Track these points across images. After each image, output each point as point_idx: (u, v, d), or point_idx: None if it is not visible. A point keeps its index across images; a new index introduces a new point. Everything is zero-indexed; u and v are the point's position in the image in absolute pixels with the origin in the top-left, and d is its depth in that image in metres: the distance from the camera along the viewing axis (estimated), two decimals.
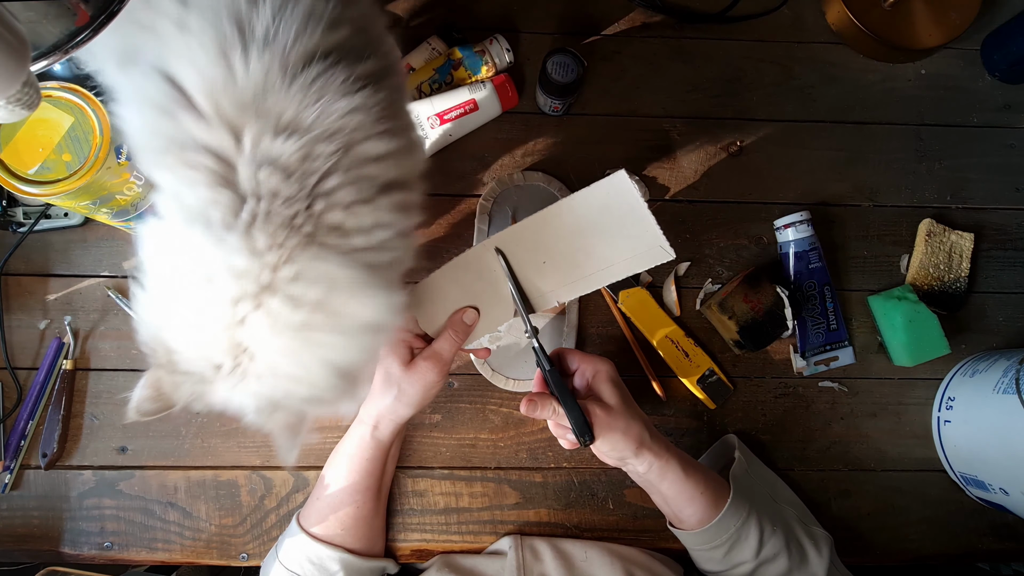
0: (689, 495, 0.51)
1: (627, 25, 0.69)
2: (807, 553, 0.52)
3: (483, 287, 0.50)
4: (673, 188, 0.66)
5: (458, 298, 0.51)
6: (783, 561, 0.51)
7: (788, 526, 0.53)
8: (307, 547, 0.52)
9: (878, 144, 0.68)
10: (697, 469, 0.51)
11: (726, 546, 0.51)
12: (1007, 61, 0.67)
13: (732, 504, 0.50)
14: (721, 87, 0.68)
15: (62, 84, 0.53)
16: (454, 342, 0.51)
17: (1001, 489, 0.56)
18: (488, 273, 0.49)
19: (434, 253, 0.64)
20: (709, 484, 0.51)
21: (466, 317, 0.51)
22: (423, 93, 0.63)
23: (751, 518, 0.51)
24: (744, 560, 0.51)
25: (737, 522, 0.50)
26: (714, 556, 0.52)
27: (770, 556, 0.51)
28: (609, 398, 0.49)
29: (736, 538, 0.50)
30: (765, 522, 0.51)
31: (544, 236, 0.48)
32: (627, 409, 0.49)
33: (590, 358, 0.51)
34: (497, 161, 0.66)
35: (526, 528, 0.61)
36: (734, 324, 0.60)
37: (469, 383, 0.63)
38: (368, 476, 0.54)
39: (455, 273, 0.50)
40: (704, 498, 0.50)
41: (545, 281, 0.49)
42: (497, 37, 0.63)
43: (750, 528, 0.50)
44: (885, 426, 0.64)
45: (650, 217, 0.44)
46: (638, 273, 0.51)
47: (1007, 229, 0.67)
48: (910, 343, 0.62)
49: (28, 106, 0.25)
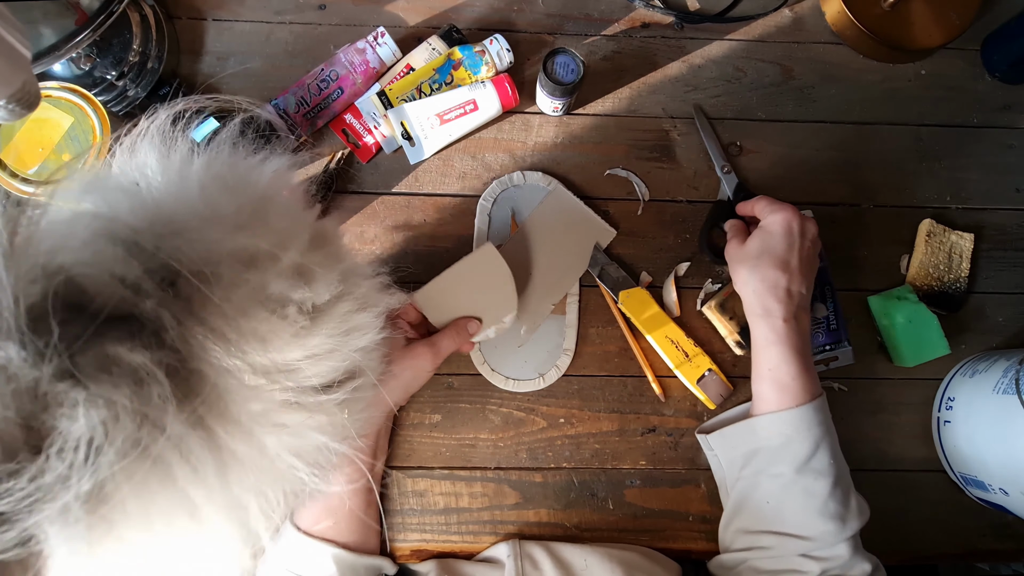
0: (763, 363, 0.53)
1: (627, 25, 0.69)
2: (850, 502, 0.51)
3: (488, 283, 0.58)
4: (673, 188, 0.66)
5: (466, 295, 0.58)
6: (826, 484, 0.50)
7: (845, 470, 0.53)
8: (300, 545, 0.52)
9: (878, 144, 0.68)
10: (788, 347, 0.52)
11: (783, 437, 0.50)
12: (1007, 61, 0.67)
13: (816, 404, 0.51)
14: (721, 87, 0.68)
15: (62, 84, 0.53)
16: (454, 342, 0.56)
17: (1001, 489, 0.56)
18: (492, 273, 0.58)
19: (434, 253, 0.64)
20: (790, 366, 0.51)
21: (470, 326, 0.58)
22: (423, 93, 0.63)
23: (821, 426, 0.51)
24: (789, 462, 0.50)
25: (810, 423, 0.50)
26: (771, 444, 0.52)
27: (814, 474, 0.50)
28: (750, 238, 0.55)
29: (794, 437, 0.50)
30: (827, 445, 0.51)
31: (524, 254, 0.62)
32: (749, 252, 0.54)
33: (772, 205, 0.55)
34: (497, 161, 0.66)
35: (526, 528, 0.61)
36: (734, 324, 0.60)
37: (469, 383, 0.63)
38: (356, 468, 0.54)
39: (463, 272, 0.57)
40: (789, 391, 0.51)
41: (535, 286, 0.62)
42: (497, 37, 0.63)
43: (813, 433, 0.50)
44: (885, 426, 0.64)
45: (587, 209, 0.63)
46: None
47: (1007, 229, 0.67)
48: (910, 343, 0.62)
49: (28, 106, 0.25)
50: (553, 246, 0.63)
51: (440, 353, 0.56)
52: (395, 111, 0.62)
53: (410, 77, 0.63)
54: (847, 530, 0.50)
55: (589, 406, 0.63)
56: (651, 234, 0.65)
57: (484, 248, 0.58)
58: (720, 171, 0.65)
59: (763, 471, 0.53)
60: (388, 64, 0.64)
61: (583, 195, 0.65)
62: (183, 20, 0.65)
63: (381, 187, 0.65)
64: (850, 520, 0.50)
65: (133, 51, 0.61)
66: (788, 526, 0.51)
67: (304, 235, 0.31)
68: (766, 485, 0.52)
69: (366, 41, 0.63)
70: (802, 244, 0.54)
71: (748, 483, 0.54)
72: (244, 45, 0.65)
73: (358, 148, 0.64)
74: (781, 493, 0.51)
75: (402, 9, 0.67)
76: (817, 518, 0.50)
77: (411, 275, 0.63)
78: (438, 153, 0.65)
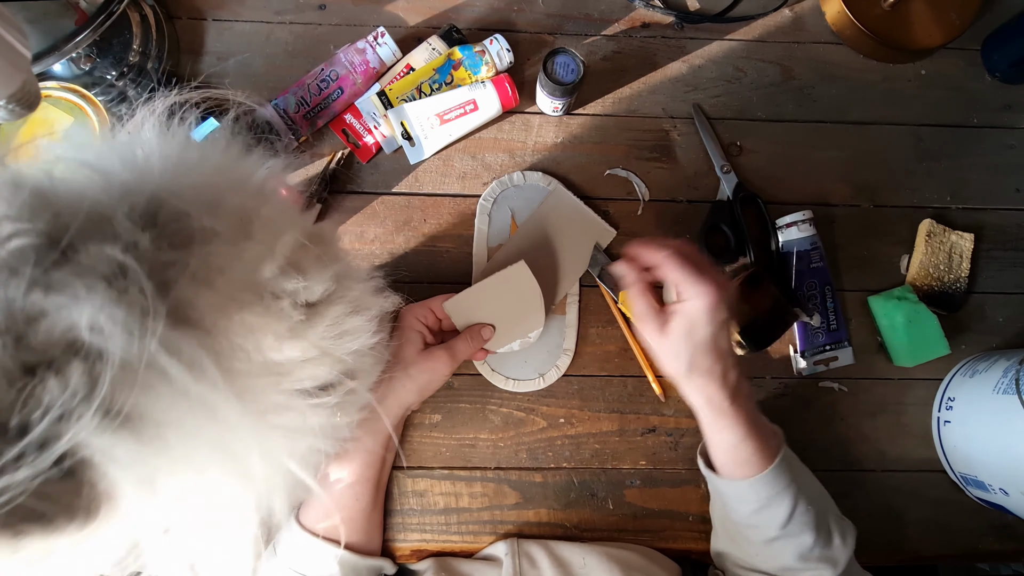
0: (718, 447, 0.50)
1: (627, 25, 0.69)
2: (833, 539, 0.51)
3: (518, 299, 0.60)
4: (673, 188, 0.66)
5: (495, 308, 0.60)
6: (808, 538, 0.49)
7: (822, 511, 0.51)
8: (304, 544, 0.52)
9: (878, 144, 0.68)
10: (738, 424, 0.48)
11: (756, 505, 0.49)
12: (1007, 61, 0.67)
13: (774, 469, 0.48)
14: (721, 87, 0.68)
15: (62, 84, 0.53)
16: (469, 347, 0.58)
17: (1001, 489, 0.56)
18: (523, 289, 0.59)
19: (434, 253, 0.64)
20: (748, 442, 0.48)
21: (484, 332, 0.59)
22: (423, 93, 0.63)
23: (788, 490, 0.49)
24: (769, 526, 0.49)
25: (774, 489, 0.49)
26: (741, 510, 0.51)
27: (795, 532, 0.49)
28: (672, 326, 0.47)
29: (767, 503, 0.49)
30: (801, 499, 0.49)
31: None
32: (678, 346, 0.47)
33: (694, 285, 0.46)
34: (497, 161, 0.66)
35: (526, 528, 0.61)
36: (735, 324, 0.60)
37: (469, 383, 0.63)
38: (368, 467, 0.55)
39: (494, 286, 0.59)
40: (739, 453, 0.49)
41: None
42: (497, 37, 0.63)
43: (784, 499, 0.49)
44: (885, 426, 0.64)
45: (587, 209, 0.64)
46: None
47: (1007, 229, 0.67)
48: (910, 343, 0.62)
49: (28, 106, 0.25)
50: (553, 246, 0.63)
51: (456, 357, 0.57)
52: (395, 111, 0.62)
53: (410, 77, 0.63)
54: (837, 568, 0.49)
55: (589, 406, 0.63)
56: (651, 234, 0.65)
57: (517, 265, 0.58)
58: (720, 171, 0.65)
59: (750, 526, 0.52)
60: (388, 64, 0.64)
61: (583, 195, 0.65)
62: (183, 20, 0.65)
63: (381, 187, 0.65)
64: (839, 560, 0.50)
65: (133, 51, 0.61)
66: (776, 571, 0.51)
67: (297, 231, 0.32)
68: (752, 537, 0.52)
69: (366, 41, 0.63)
70: (725, 323, 0.48)
71: (733, 530, 0.54)
72: (244, 45, 0.65)
73: (358, 148, 0.64)
74: (768, 549, 0.51)
75: (402, 9, 0.67)
76: (805, 566, 0.50)
77: (408, 278, 0.63)
78: (438, 153, 0.65)
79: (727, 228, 0.65)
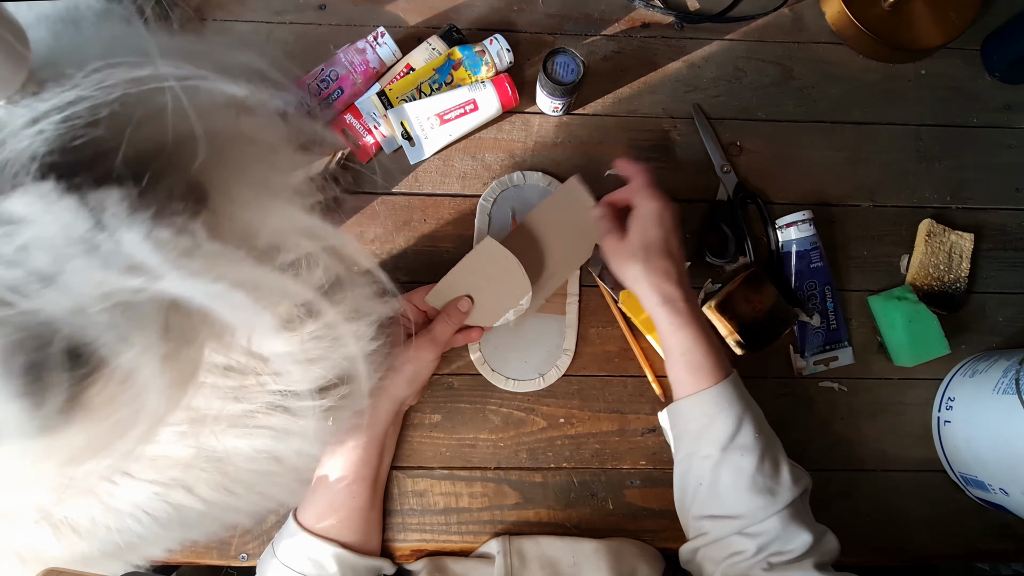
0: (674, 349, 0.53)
1: (627, 25, 0.69)
2: (781, 473, 0.50)
3: (496, 273, 0.59)
4: (673, 188, 0.66)
5: (477, 287, 0.59)
6: (749, 460, 0.49)
7: (771, 443, 0.52)
8: (303, 543, 0.52)
9: (878, 144, 0.68)
10: (694, 327, 0.52)
11: (701, 421, 0.51)
12: (1007, 61, 0.67)
13: (726, 384, 0.51)
14: (721, 87, 0.68)
15: None
16: (448, 325, 0.57)
17: (1001, 489, 0.56)
18: (498, 262, 0.58)
19: (434, 254, 0.64)
20: (700, 346, 0.52)
21: (460, 305, 0.58)
22: (423, 93, 0.63)
23: (734, 407, 0.50)
24: (712, 446, 0.50)
25: (722, 404, 0.50)
26: (689, 431, 0.52)
27: (736, 455, 0.49)
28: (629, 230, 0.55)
29: (711, 420, 0.50)
30: (747, 420, 0.50)
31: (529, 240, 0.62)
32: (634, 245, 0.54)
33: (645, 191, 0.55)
34: (497, 161, 0.66)
35: (525, 528, 0.61)
36: (735, 324, 0.60)
37: (469, 383, 0.63)
38: (364, 465, 0.55)
39: (469, 267, 0.58)
40: (692, 357, 0.52)
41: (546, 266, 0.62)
42: (497, 37, 0.63)
43: (729, 416, 0.50)
44: (885, 426, 0.64)
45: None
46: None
47: (1007, 229, 0.67)
48: (910, 343, 0.62)
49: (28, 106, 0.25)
50: (559, 235, 0.63)
51: (438, 340, 0.57)
52: (395, 111, 0.62)
53: (410, 77, 0.63)
54: (778, 503, 0.48)
55: (589, 406, 0.63)
56: None
57: (484, 242, 0.58)
58: (720, 171, 0.65)
59: (693, 453, 0.52)
60: (388, 64, 0.64)
61: None
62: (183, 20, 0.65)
63: (381, 187, 0.65)
64: (781, 492, 0.49)
65: None
66: (722, 507, 0.50)
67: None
68: (697, 467, 0.52)
69: (366, 41, 0.63)
70: (675, 230, 0.55)
71: (683, 467, 0.54)
72: (244, 45, 0.65)
73: (358, 148, 0.64)
74: (711, 474, 0.50)
75: (402, 9, 0.67)
76: (746, 494, 0.49)
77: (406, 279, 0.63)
78: (438, 153, 0.65)
79: (727, 228, 0.65)
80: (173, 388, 0.26)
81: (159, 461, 0.31)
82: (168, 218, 0.23)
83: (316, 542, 0.52)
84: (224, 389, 0.30)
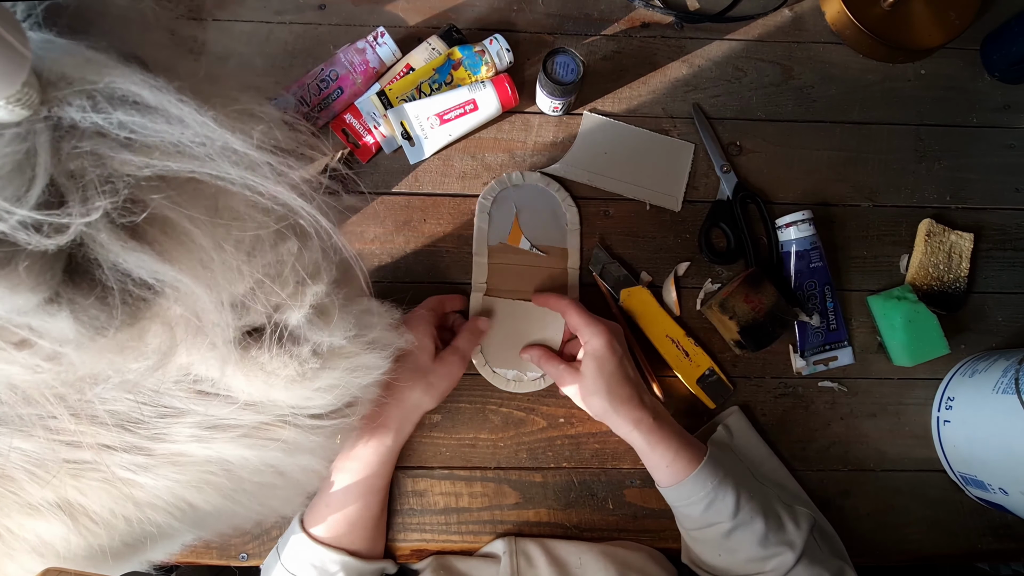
0: (658, 463, 0.53)
1: (627, 25, 0.69)
2: (785, 524, 0.52)
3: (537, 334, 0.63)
4: None
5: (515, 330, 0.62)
6: (760, 524, 0.51)
7: (767, 498, 0.53)
8: (309, 549, 0.52)
9: (878, 144, 0.68)
10: (670, 438, 0.53)
11: (703, 503, 0.51)
12: (1007, 61, 0.67)
13: (707, 464, 0.52)
14: (721, 87, 0.68)
15: None
16: (472, 343, 0.59)
17: (1001, 489, 0.56)
18: (547, 328, 0.62)
19: (434, 253, 0.64)
20: (683, 451, 0.52)
21: (480, 324, 0.60)
22: (423, 93, 0.63)
23: (727, 481, 0.51)
24: (721, 520, 0.51)
25: (713, 482, 0.51)
26: (692, 513, 0.53)
27: (747, 520, 0.51)
28: (583, 369, 0.55)
29: (713, 497, 0.51)
30: (742, 489, 0.52)
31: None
32: (594, 383, 0.54)
33: (588, 327, 0.55)
34: (497, 161, 0.66)
35: (526, 528, 0.61)
36: (735, 324, 0.60)
37: (469, 383, 0.63)
38: (380, 477, 0.55)
39: (528, 313, 0.62)
40: (678, 464, 0.52)
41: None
42: (497, 37, 0.63)
43: (727, 490, 0.51)
44: (885, 426, 0.64)
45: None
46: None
47: (1007, 229, 0.67)
48: (910, 343, 0.62)
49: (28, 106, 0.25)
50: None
51: (466, 358, 0.59)
52: (395, 111, 0.62)
53: (410, 77, 0.63)
54: (797, 549, 0.50)
55: None
56: (651, 234, 0.65)
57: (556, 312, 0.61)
58: (720, 171, 0.65)
59: (705, 526, 0.53)
60: (388, 64, 0.64)
61: (584, 196, 0.65)
62: (183, 20, 0.65)
63: (381, 187, 0.65)
64: (795, 541, 0.51)
65: None
66: (743, 568, 0.52)
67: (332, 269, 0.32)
68: (711, 537, 0.53)
69: (366, 41, 0.63)
70: (626, 352, 0.57)
71: (697, 536, 0.55)
72: (244, 45, 0.65)
73: (358, 148, 0.64)
74: (728, 543, 0.52)
75: (402, 9, 0.67)
76: (767, 552, 0.51)
77: (408, 278, 0.63)
78: (438, 153, 0.65)
79: (727, 228, 0.65)
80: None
81: (176, 458, 0.32)
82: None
83: (323, 550, 0.52)
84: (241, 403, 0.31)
